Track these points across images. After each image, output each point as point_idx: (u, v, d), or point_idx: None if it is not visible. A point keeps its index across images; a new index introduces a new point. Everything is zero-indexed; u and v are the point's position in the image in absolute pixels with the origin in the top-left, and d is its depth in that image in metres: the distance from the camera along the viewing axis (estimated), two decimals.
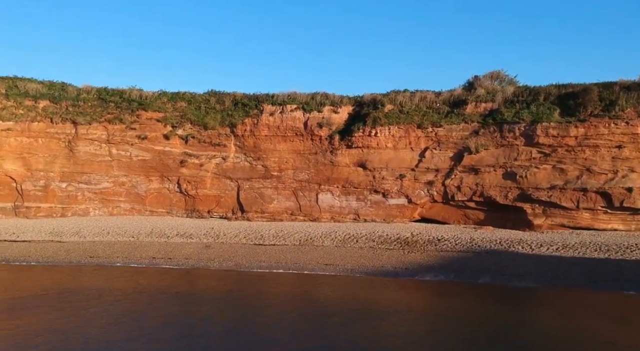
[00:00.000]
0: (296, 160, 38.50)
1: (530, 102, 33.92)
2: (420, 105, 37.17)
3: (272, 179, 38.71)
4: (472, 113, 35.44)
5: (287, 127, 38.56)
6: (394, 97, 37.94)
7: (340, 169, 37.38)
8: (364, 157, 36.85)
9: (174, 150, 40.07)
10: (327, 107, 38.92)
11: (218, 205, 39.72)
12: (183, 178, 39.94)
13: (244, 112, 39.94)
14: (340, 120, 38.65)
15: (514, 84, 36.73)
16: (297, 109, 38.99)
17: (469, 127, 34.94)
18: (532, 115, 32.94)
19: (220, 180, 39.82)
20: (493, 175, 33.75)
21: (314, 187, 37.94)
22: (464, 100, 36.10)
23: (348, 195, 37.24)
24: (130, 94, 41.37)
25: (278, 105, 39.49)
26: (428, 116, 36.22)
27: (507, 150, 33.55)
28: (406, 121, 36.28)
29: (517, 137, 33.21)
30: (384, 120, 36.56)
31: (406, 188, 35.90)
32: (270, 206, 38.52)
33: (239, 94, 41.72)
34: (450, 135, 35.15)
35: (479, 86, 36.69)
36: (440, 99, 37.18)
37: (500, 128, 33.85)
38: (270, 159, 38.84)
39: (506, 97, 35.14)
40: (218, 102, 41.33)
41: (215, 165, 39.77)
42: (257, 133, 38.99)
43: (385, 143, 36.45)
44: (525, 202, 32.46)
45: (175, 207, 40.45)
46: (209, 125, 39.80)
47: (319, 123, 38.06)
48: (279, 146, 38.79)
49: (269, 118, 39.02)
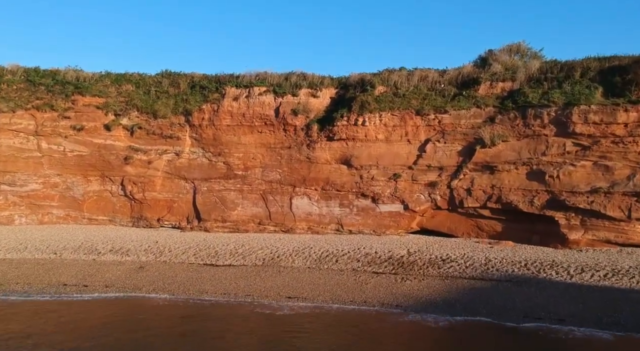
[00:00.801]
0: (265, 155, 30.93)
1: (563, 79, 26.15)
2: (420, 86, 29.51)
3: (235, 180, 31.16)
4: (486, 96, 27.75)
5: (254, 115, 31.01)
6: (387, 76, 30.29)
7: (319, 167, 29.77)
8: (349, 152, 29.23)
9: (117, 143, 32.55)
10: (304, 89, 31.32)
11: (170, 211, 32.18)
12: (128, 178, 32.43)
13: (202, 97, 32.37)
14: (320, 106, 31.04)
15: (540, 59, 28.96)
16: (267, 92, 31.41)
17: (482, 112, 27.24)
18: (566, 96, 25.18)
19: (173, 180, 32.29)
20: (514, 175, 26.01)
21: (287, 189, 30.37)
22: (476, 79, 28.41)
23: (329, 200, 29.64)
24: (65, 75, 33.77)
25: (244, 87, 31.92)
26: (430, 100, 28.55)
27: (532, 143, 25.81)
28: (402, 106, 28.64)
29: (545, 125, 25.47)
30: (374, 105, 28.93)
31: (402, 191, 28.25)
32: (233, 213, 30.95)
33: (198, 75, 34.13)
34: (458, 123, 27.47)
35: (494, 61, 28.94)
36: (445, 79, 29.51)
37: (524, 114, 26.13)
38: (234, 155, 31.29)
39: (530, 74, 27.40)
40: (172, 84, 33.75)
41: (167, 162, 32.26)
42: (218, 122, 31.43)
43: (376, 134, 28.82)
44: (558, 209, 24.69)
45: (119, 214, 32.91)
46: (160, 112, 32.25)
47: (294, 109, 30.48)
48: (244, 138, 31.23)
49: (233, 104, 31.47)
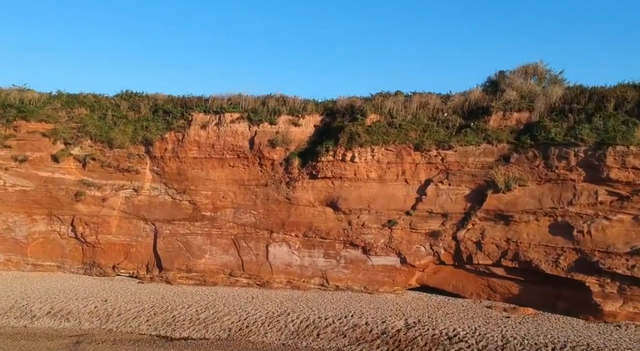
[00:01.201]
0: (238, 194, 26.34)
1: (592, 112, 21.73)
2: (419, 114, 25.03)
3: (203, 222, 26.55)
4: (498, 129, 23.30)
5: (225, 146, 26.43)
6: (381, 102, 25.74)
7: (300, 209, 25.22)
8: (336, 193, 24.71)
9: (67, 177, 27.88)
10: (284, 116, 26.75)
11: (127, 258, 27.51)
12: (79, 217, 27.77)
13: (165, 124, 27.72)
14: (302, 136, 26.49)
15: (561, 84, 24.54)
16: (241, 120, 26.84)
17: (494, 149, 22.80)
18: (598, 133, 20.76)
19: (131, 221, 27.64)
20: (534, 228, 21.56)
21: (263, 234, 25.79)
22: (486, 109, 23.95)
23: (312, 249, 25.10)
24: (7, 97, 28.95)
25: (213, 113, 27.31)
26: (431, 132, 24.07)
27: (556, 189, 21.38)
28: (398, 139, 24.14)
29: (572, 168, 21.06)
30: (365, 138, 24.41)
31: (398, 241, 23.75)
32: (199, 262, 26.34)
33: (162, 97, 29.48)
34: (465, 161, 23.02)
35: (507, 87, 24.47)
36: (449, 106, 25.02)
37: (545, 153, 21.70)
38: (201, 192, 26.69)
39: (551, 103, 22.96)
40: (132, 108, 29.08)
41: (124, 200, 27.60)
42: (183, 154, 26.82)
43: (367, 172, 24.32)
44: (589, 273, 20.21)
45: (69, 259, 28.22)
46: (117, 141, 27.59)
47: (272, 140, 25.91)
48: (213, 173, 26.64)
49: (200, 133, 26.87)
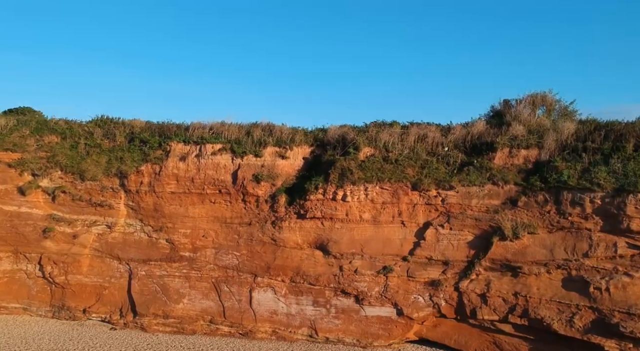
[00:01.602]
0: (219, 233, 24.12)
1: (609, 152, 19.61)
2: (417, 149, 22.87)
3: (181, 263, 24.32)
4: (504, 168, 21.17)
5: (206, 180, 24.22)
6: (375, 134, 23.58)
7: (287, 252, 23.01)
8: (326, 235, 22.52)
9: (35, 211, 25.58)
10: (271, 148, 24.56)
11: (99, 300, 25.22)
12: (48, 256, 25.48)
13: (141, 154, 25.48)
14: (290, 170, 24.31)
15: (573, 117, 22.47)
16: (223, 151, 24.64)
17: (499, 191, 20.66)
18: (616, 178, 18.63)
19: (104, 260, 25.38)
20: (545, 281, 19.37)
21: (246, 278, 23.57)
22: (490, 144, 21.82)
23: (300, 296, 22.89)
24: None
25: (194, 143, 25.09)
26: (430, 169, 21.93)
27: (570, 238, 19.24)
28: (394, 176, 21.99)
29: (588, 216, 18.92)
30: (357, 174, 22.25)
31: (394, 290, 21.57)
32: (177, 307, 24.08)
33: (139, 123, 27.24)
34: (467, 204, 20.88)
35: (513, 119, 22.36)
36: (450, 140, 22.90)
37: (557, 198, 19.58)
38: (180, 231, 24.47)
39: (563, 140, 20.84)
40: (106, 135, 26.83)
41: (97, 237, 25.35)
42: (160, 188, 24.60)
43: (360, 212, 22.15)
44: (608, 336, 17.98)
45: (36, 301, 25.91)
46: (89, 173, 25.32)
47: (257, 174, 23.72)
48: (193, 210, 24.42)
49: (179, 165, 24.65)
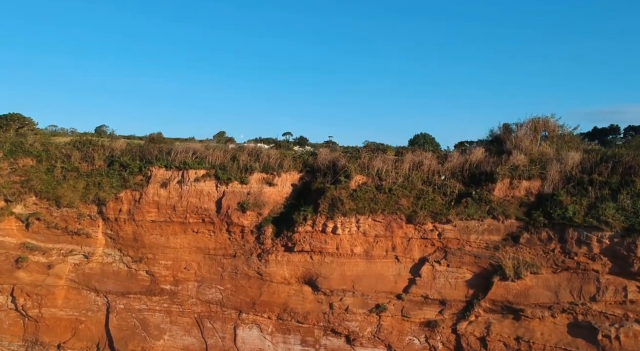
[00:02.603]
0: (202, 265, 22.71)
1: (618, 186, 18.29)
2: (412, 177, 21.52)
3: (162, 296, 22.89)
4: (505, 200, 19.84)
5: (188, 208, 22.82)
6: (368, 161, 22.22)
7: (274, 287, 21.61)
8: (315, 270, 21.13)
9: (8, 239, 24.14)
10: (257, 174, 23.17)
11: (75, 335, 23.74)
12: (20, 287, 23.99)
13: (120, 180, 24.05)
14: (277, 198, 22.92)
15: (577, 143, 21.17)
16: (207, 177, 23.24)
17: (500, 226, 19.32)
18: (626, 216, 17.31)
19: (80, 292, 23.90)
20: (549, 326, 18.01)
21: (230, 314, 22.15)
22: (490, 174, 20.47)
23: (287, 334, 21.48)
24: None
25: (176, 169, 23.69)
26: (426, 200, 20.58)
27: (575, 280, 17.90)
28: (388, 208, 20.64)
29: (595, 257, 17.60)
30: (348, 205, 20.89)
31: (387, 330, 20.18)
32: (157, 343, 22.65)
33: (119, 145, 25.79)
34: (466, 239, 19.54)
35: (514, 148, 21.03)
36: (446, 168, 21.55)
37: (561, 236, 18.25)
38: (160, 262, 23.05)
39: (567, 170, 19.51)
40: (85, 158, 25.38)
41: (73, 267, 23.89)
42: (140, 217, 23.19)
43: (351, 246, 20.78)
44: None
45: (8, 335, 24.38)
46: (66, 199, 23.91)
47: (242, 203, 22.35)
48: (174, 240, 23.02)
49: (160, 192, 23.26)
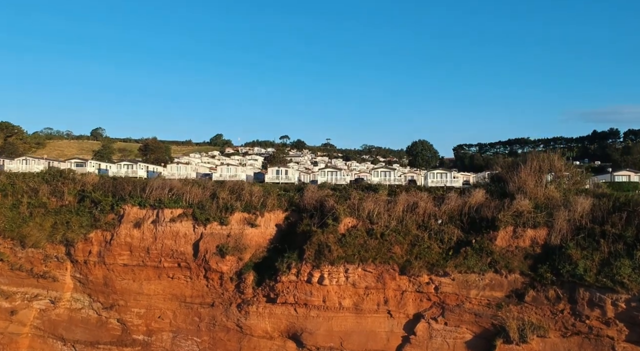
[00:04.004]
0: (178, 314, 20.85)
1: (634, 240, 16.49)
2: (406, 221, 19.70)
3: (134, 348, 21.03)
4: (507, 251, 18.02)
5: (163, 251, 20.97)
6: (358, 202, 20.37)
7: (255, 342, 19.73)
8: (299, 324, 19.25)
9: None
10: (238, 214, 21.35)
11: None
12: None
13: (90, 218, 22.21)
14: (260, 240, 21.08)
15: (585, 183, 19.37)
16: (184, 217, 21.41)
17: (502, 281, 17.50)
18: None
19: (46, 341, 22.03)
20: None
21: None
22: (491, 221, 18.63)
23: None
24: None
25: (150, 207, 21.85)
26: (422, 248, 18.76)
27: (588, 346, 16.07)
28: (380, 256, 18.80)
29: (610, 322, 15.80)
30: (337, 252, 19.05)
31: None
32: None
33: (91, 178, 23.94)
34: (465, 294, 17.70)
35: (517, 190, 19.23)
36: (444, 211, 19.73)
37: (571, 295, 16.46)
38: (133, 310, 21.20)
39: (576, 219, 17.68)
40: (54, 193, 23.53)
41: (39, 314, 22.04)
42: (111, 259, 21.33)
43: (340, 298, 18.92)
44: None
45: None
46: (31, 239, 22.16)
47: (222, 246, 20.50)
48: (148, 286, 21.16)
49: (133, 233, 21.42)
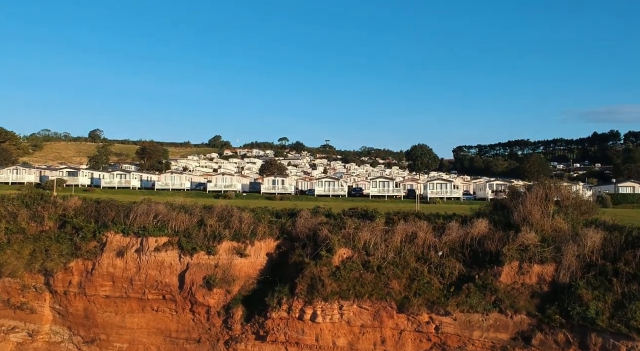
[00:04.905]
0: (163, 349, 19.64)
1: None
2: (404, 252, 18.51)
3: None
4: (513, 289, 16.83)
5: (147, 282, 19.79)
6: (353, 232, 19.18)
7: None
8: None
9: None
10: (227, 243, 20.15)
11: None
12: None
13: (71, 246, 21.01)
14: (250, 271, 19.90)
15: (594, 213, 18.19)
16: (169, 246, 20.22)
17: (507, 322, 16.30)
18: None
19: None
20: None
21: None
22: (495, 255, 17.45)
23: None
24: None
25: (134, 235, 20.66)
26: (421, 283, 17.56)
27: None
28: (376, 292, 17.61)
29: None
30: (330, 287, 17.86)
31: None
32: None
33: (73, 203, 22.75)
34: (468, 336, 16.50)
35: (522, 221, 18.02)
36: (444, 242, 18.55)
37: (582, 339, 15.27)
38: (115, 344, 19.99)
39: (586, 254, 16.50)
40: (34, 218, 22.34)
41: (16, 347, 20.83)
42: (92, 291, 20.15)
43: (334, 337, 17.72)
44: None
45: None
46: (8, 267, 20.93)
47: (209, 278, 19.31)
48: (131, 319, 19.96)
49: (116, 262, 20.23)
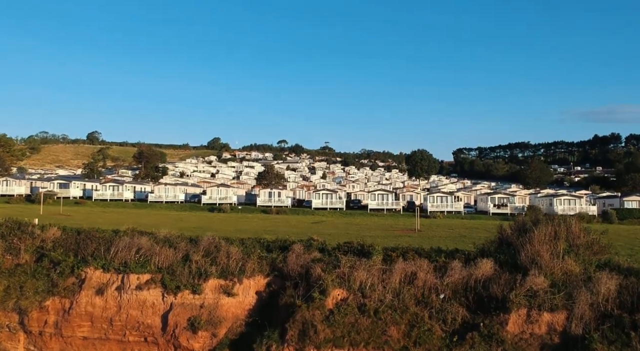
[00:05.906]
0: None
1: None
2: (403, 294, 17.21)
3: None
4: (521, 338, 15.53)
5: (128, 323, 18.51)
6: (349, 272, 17.88)
7: None
8: None
9: None
10: (213, 280, 18.87)
11: None
12: None
13: (48, 282, 19.69)
14: (238, 312, 18.62)
15: (604, 249, 16.91)
16: (152, 284, 18.92)
17: None
18: None
19: None
20: None
21: None
22: (502, 301, 16.18)
23: None
24: None
25: (115, 272, 19.35)
26: (421, 330, 16.30)
27: None
28: (373, 339, 16.34)
29: None
30: (324, 333, 16.59)
31: None
32: None
33: (52, 234, 21.40)
34: None
35: (530, 263, 16.73)
36: (446, 284, 17.27)
37: None
38: None
39: (601, 302, 15.24)
40: (9, 250, 20.99)
41: None
42: (70, 331, 18.87)
43: None
44: None
45: None
46: None
47: (194, 319, 18.03)
48: None
49: (95, 301, 18.94)
